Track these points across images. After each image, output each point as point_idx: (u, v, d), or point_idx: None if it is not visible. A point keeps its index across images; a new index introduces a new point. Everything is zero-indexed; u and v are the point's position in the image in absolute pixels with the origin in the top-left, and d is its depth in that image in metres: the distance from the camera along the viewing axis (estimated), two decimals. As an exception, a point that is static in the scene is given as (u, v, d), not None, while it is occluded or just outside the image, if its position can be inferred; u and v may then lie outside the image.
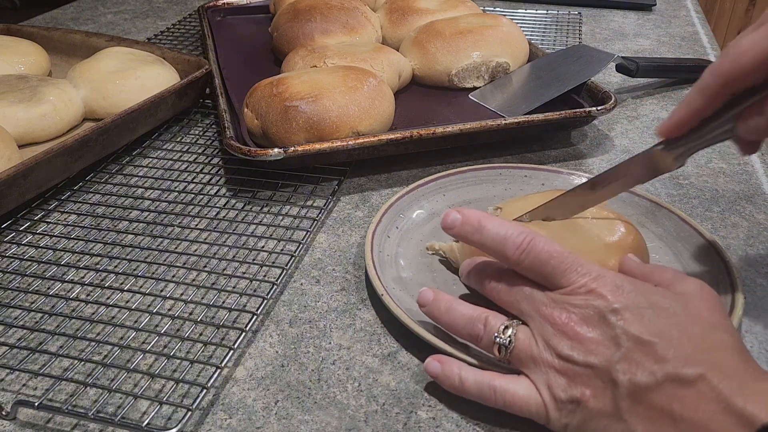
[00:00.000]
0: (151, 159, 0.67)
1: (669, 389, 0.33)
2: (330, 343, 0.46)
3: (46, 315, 0.47)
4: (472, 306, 0.41)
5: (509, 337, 0.38)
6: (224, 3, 1.04)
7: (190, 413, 0.39)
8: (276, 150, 0.59)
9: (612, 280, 0.37)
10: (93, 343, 0.44)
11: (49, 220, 0.57)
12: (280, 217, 0.58)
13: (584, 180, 0.59)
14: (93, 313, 0.47)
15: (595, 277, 0.37)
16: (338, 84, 0.64)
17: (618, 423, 0.34)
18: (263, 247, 0.54)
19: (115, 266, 0.52)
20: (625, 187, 0.47)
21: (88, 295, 0.49)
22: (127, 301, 0.48)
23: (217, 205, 0.60)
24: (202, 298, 0.49)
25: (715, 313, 0.37)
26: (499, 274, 0.41)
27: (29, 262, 0.52)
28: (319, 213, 0.58)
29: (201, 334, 0.46)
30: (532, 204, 0.50)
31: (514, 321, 0.39)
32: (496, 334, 0.39)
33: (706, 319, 0.36)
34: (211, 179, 0.64)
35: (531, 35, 1.01)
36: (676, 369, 0.33)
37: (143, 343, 0.45)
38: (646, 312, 0.35)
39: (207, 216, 0.58)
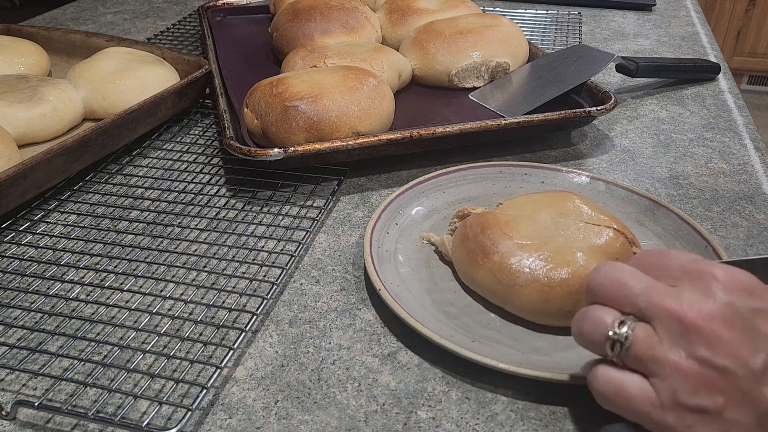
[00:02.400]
0: (151, 159, 0.67)
1: None
2: (330, 343, 0.46)
3: (46, 315, 0.47)
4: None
5: (626, 332, 0.33)
6: (224, 3, 1.04)
7: (190, 413, 0.39)
8: (276, 150, 0.59)
9: (741, 273, 0.32)
10: (93, 343, 0.44)
11: (49, 220, 0.57)
12: (280, 217, 0.58)
13: (584, 178, 0.59)
14: (93, 313, 0.47)
15: (722, 267, 0.33)
16: (338, 84, 0.64)
17: None
18: (263, 247, 0.54)
19: (115, 266, 0.52)
20: None
21: (88, 295, 0.49)
22: (127, 301, 0.48)
23: (217, 205, 0.60)
24: (202, 298, 0.49)
25: None
26: (609, 270, 0.35)
27: (29, 262, 0.52)
28: (319, 213, 0.58)
29: (201, 334, 0.46)
30: (534, 202, 0.50)
31: (631, 316, 0.34)
32: (610, 329, 0.33)
33: None
34: (211, 179, 0.64)
35: (531, 35, 1.01)
36: None
37: (143, 343, 0.45)
38: None
39: (207, 216, 0.58)
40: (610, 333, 0.33)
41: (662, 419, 0.32)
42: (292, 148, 0.59)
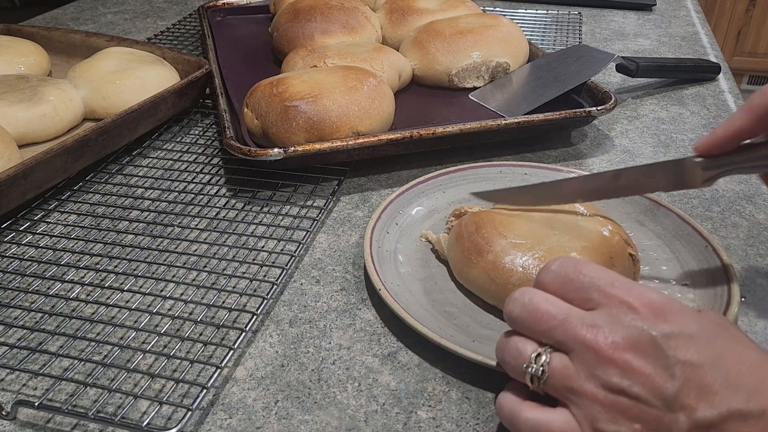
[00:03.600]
0: (151, 159, 0.67)
1: (733, 427, 0.30)
2: (330, 343, 0.46)
3: (46, 315, 0.47)
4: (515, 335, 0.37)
5: (542, 366, 0.34)
6: (224, 3, 1.04)
7: (190, 413, 0.39)
8: (276, 150, 0.59)
9: (654, 296, 0.33)
10: (93, 343, 0.45)
11: (49, 220, 0.57)
12: (280, 217, 0.58)
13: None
14: (93, 313, 0.47)
15: (638, 294, 0.33)
16: (338, 84, 0.64)
17: None
18: (263, 247, 0.54)
19: (115, 266, 0.52)
20: (645, 189, 0.45)
21: (88, 295, 0.49)
22: (127, 301, 0.48)
23: (217, 205, 0.60)
24: (202, 298, 0.49)
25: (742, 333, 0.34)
26: (525, 301, 0.36)
27: (29, 262, 0.52)
28: (319, 213, 0.58)
29: (201, 334, 0.46)
30: None
31: (548, 348, 0.35)
32: (526, 364, 0.35)
33: (747, 341, 0.33)
34: (211, 179, 0.64)
35: (531, 35, 1.01)
36: (741, 404, 0.30)
37: (143, 343, 0.45)
38: (699, 337, 0.32)
39: (207, 216, 0.58)
40: (528, 369, 0.34)
41: None
42: (292, 148, 0.59)
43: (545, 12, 1.12)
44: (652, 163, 0.44)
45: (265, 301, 0.47)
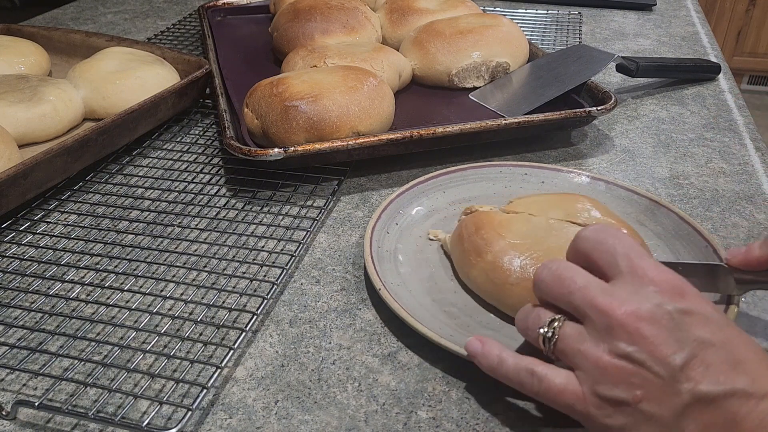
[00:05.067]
0: (151, 159, 0.67)
1: (735, 404, 0.31)
2: (330, 343, 0.46)
3: (46, 315, 0.47)
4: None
5: (554, 329, 0.36)
6: (224, 3, 1.04)
7: (190, 413, 0.39)
8: (276, 150, 0.59)
9: (676, 277, 0.34)
10: (93, 343, 0.44)
11: (49, 220, 0.57)
12: (280, 217, 0.58)
13: (585, 178, 0.59)
14: (93, 313, 0.47)
15: (659, 270, 0.34)
16: (338, 84, 0.64)
17: (673, 431, 0.32)
18: (263, 247, 0.54)
19: (115, 266, 0.52)
20: None
21: (88, 295, 0.49)
22: (127, 301, 0.48)
23: (217, 205, 0.60)
24: (202, 298, 0.49)
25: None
26: (553, 267, 0.37)
27: (29, 262, 0.52)
28: (319, 213, 0.58)
29: (201, 334, 0.46)
30: (543, 202, 0.50)
31: (563, 316, 0.36)
32: (540, 326, 0.36)
33: (750, 336, 0.34)
34: (211, 179, 0.64)
35: (531, 35, 1.01)
36: (745, 385, 0.31)
37: (143, 343, 0.45)
38: (714, 319, 0.33)
39: (207, 216, 0.58)
40: (541, 330, 0.36)
41: (585, 409, 0.34)
42: (292, 148, 0.59)
43: (545, 12, 1.12)
44: (686, 263, 0.43)
45: (265, 301, 0.47)
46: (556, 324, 0.36)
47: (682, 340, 0.32)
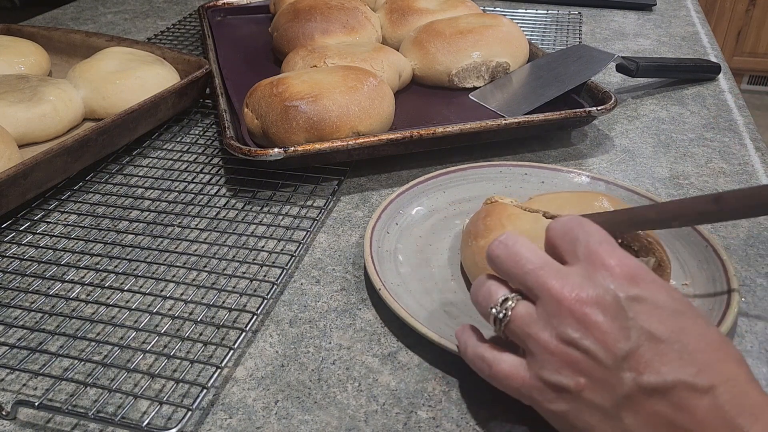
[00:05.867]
0: (151, 159, 0.67)
1: (677, 396, 0.31)
2: (330, 343, 0.46)
3: (46, 315, 0.47)
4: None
5: (506, 309, 0.35)
6: (224, 3, 1.04)
7: (190, 413, 0.39)
8: (276, 150, 0.59)
9: (634, 263, 0.34)
10: (93, 343, 0.45)
11: (49, 220, 0.57)
12: (280, 217, 0.58)
13: (585, 178, 0.59)
14: (93, 313, 0.47)
15: (618, 257, 0.33)
16: (338, 84, 0.64)
17: (611, 421, 0.32)
18: (263, 247, 0.54)
19: (115, 266, 0.52)
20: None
21: (88, 295, 0.49)
22: (127, 301, 0.48)
23: (217, 205, 0.60)
24: (202, 298, 0.49)
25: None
26: (510, 243, 0.37)
27: (29, 262, 0.52)
28: (319, 213, 0.58)
29: (201, 334, 0.46)
30: (563, 200, 0.50)
31: (517, 295, 0.36)
32: (492, 305, 0.36)
33: (712, 325, 0.33)
34: (211, 179, 0.64)
35: (531, 35, 1.01)
36: (689, 377, 0.31)
37: (143, 343, 0.45)
38: (666, 308, 0.32)
39: (207, 216, 0.58)
40: (493, 310, 0.36)
41: (529, 393, 0.34)
42: (292, 148, 0.59)
43: (545, 12, 1.12)
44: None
45: (265, 301, 0.47)
46: (509, 304, 0.35)
47: (629, 328, 0.32)
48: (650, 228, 0.41)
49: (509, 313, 0.35)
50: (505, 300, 0.36)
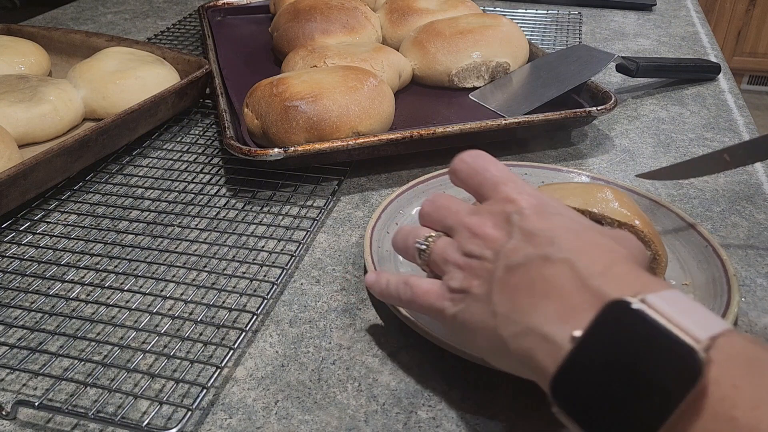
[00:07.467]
0: (151, 159, 0.67)
1: (534, 268, 0.34)
2: (330, 343, 0.46)
3: (46, 315, 0.47)
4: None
5: (428, 242, 0.41)
6: (224, 3, 1.04)
7: (190, 413, 0.39)
8: (276, 150, 0.59)
9: (533, 192, 0.38)
10: (93, 343, 0.45)
11: (49, 220, 0.57)
12: (280, 217, 0.58)
13: (585, 178, 0.59)
14: (93, 313, 0.47)
15: (519, 189, 0.38)
16: (338, 84, 0.64)
17: (486, 306, 0.35)
18: (263, 247, 0.54)
19: (115, 266, 0.52)
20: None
21: (88, 295, 0.49)
22: (127, 301, 0.48)
23: (217, 205, 0.60)
24: (202, 298, 0.49)
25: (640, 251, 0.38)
26: (434, 198, 0.43)
27: (29, 262, 0.52)
28: (319, 213, 0.58)
29: (201, 334, 0.46)
30: (569, 190, 0.50)
31: (440, 233, 0.41)
32: (417, 240, 0.41)
33: (596, 225, 0.37)
34: (211, 179, 0.64)
35: (531, 35, 1.01)
36: (545, 251, 0.34)
37: (143, 343, 0.45)
38: (550, 215, 0.37)
39: (207, 216, 0.58)
40: (417, 245, 0.41)
41: (441, 305, 0.38)
42: (292, 148, 0.59)
43: (545, 12, 1.12)
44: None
45: (265, 301, 0.47)
46: (431, 239, 0.41)
47: (511, 232, 0.36)
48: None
49: (431, 245, 0.41)
50: (429, 236, 0.41)
